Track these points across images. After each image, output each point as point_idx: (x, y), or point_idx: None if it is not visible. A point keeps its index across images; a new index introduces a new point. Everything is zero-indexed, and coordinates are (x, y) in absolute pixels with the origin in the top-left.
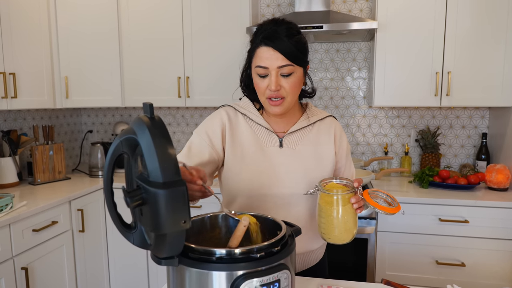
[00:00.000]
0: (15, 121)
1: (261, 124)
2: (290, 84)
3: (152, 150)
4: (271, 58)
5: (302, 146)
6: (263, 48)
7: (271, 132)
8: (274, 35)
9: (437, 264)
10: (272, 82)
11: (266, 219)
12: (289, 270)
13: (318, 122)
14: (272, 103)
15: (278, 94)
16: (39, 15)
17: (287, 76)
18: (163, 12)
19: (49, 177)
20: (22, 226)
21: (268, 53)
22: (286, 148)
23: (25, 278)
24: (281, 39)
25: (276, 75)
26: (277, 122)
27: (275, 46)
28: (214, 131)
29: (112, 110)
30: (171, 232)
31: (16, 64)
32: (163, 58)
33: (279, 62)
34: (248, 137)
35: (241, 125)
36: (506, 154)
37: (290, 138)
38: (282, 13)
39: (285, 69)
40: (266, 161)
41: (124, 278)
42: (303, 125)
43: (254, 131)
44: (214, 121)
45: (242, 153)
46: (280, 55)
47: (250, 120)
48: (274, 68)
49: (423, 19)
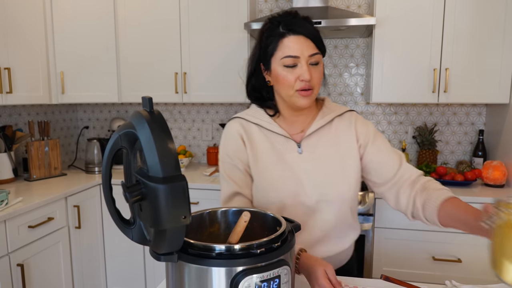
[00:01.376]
0: (10, 116)
1: (276, 131)
2: (318, 74)
3: (152, 145)
4: (302, 46)
5: (322, 148)
6: (291, 37)
7: (288, 139)
8: (300, 23)
9: (434, 260)
10: (305, 71)
11: (265, 215)
12: (289, 266)
13: (336, 119)
14: (304, 93)
15: (309, 84)
16: (34, 9)
17: (315, 65)
18: (160, 7)
19: (45, 173)
20: (18, 223)
21: (299, 41)
22: (306, 153)
23: (21, 275)
24: (307, 26)
25: (306, 63)
26: (292, 125)
27: (306, 33)
28: (236, 150)
29: (109, 106)
30: (171, 227)
31: (11, 59)
32: (160, 54)
33: (310, 50)
34: (265, 148)
35: (256, 135)
36: (503, 150)
37: (308, 141)
38: (280, 9)
39: (315, 57)
40: (287, 169)
41: (120, 274)
42: (319, 125)
43: (270, 140)
44: (231, 140)
45: (263, 165)
46: (311, 43)
47: (264, 129)
48: (305, 56)
49: (421, 16)
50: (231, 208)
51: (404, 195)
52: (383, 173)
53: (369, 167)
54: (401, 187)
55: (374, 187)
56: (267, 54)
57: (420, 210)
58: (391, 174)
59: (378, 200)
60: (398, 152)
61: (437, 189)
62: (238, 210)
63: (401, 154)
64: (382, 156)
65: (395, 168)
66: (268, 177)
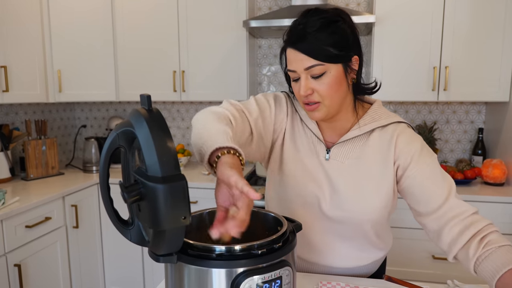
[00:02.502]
0: (7, 115)
1: (312, 129)
2: (323, 86)
3: (150, 143)
4: (296, 60)
5: (353, 160)
6: (288, 50)
7: (320, 141)
8: (299, 34)
9: (434, 259)
10: (302, 86)
11: (266, 215)
12: (291, 267)
13: (377, 130)
14: (308, 108)
15: (311, 99)
16: (31, 7)
17: (319, 77)
18: (159, 4)
19: (42, 173)
20: (15, 222)
21: (293, 55)
22: (333, 161)
23: (18, 275)
24: (307, 37)
25: (305, 78)
26: (329, 130)
27: (298, 47)
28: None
29: (106, 104)
30: (171, 228)
31: (7, 57)
32: (158, 52)
33: (305, 64)
34: (301, 141)
35: (296, 126)
36: (502, 149)
37: (339, 149)
38: (279, 7)
39: (314, 70)
40: (312, 171)
41: (119, 274)
42: (355, 134)
43: (307, 135)
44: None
45: (294, 156)
46: (305, 56)
47: (304, 123)
48: (301, 70)
49: (421, 14)
50: None
51: (450, 234)
52: (425, 202)
53: (408, 193)
54: (447, 224)
55: (415, 216)
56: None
57: (471, 261)
58: (435, 205)
59: None
60: (448, 179)
61: (500, 245)
62: None
63: (452, 183)
64: (424, 183)
65: (442, 199)
66: (293, 172)
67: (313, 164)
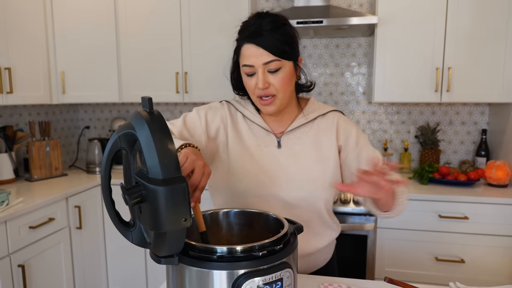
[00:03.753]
0: (11, 116)
1: (258, 123)
2: (279, 80)
3: (152, 146)
4: (255, 55)
5: (302, 145)
6: (246, 45)
7: (269, 132)
8: (257, 31)
9: (437, 261)
10: (260, 80)
11: (267, 216)
12: (291, 269)
13: (318, 118)
14: (263, 102)
15: (268, 92)
16: (35, 9)
17: (275, 72)
18: (161, 6)
19: (45, 174)
20: (19, 223)
21: (252, 50)
22: (285, 149)
23: (22, 276)
24: (264, 35)
25: (263, 72)
26: (275, 122)
27: (258, 42)
28: (214, 119)
29: (109, 105)
30: (172, 230)
31: (11, 59)
32: (161, 53)
33: (264, 59)
34: (247, 136)
35: (240, 123)
36: (506, 150)
37: (288, 137)
38: (282, 8)
39: (271, 65)
40: (265, 161)
41: (122, 275)
42: (301, 123)
43: (253, 130)
44: (217, 111)
45: (241, 151)
46: (265, 51)
47: (248, 120)
48: (259, 65)
49: (423, 14)
50: (232, 210)
51: None
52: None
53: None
54: None
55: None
56: (237, 57)
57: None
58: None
59: None
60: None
61: None
62: (240, 211)
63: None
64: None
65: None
66: (245, 163)
67: (264, 155)
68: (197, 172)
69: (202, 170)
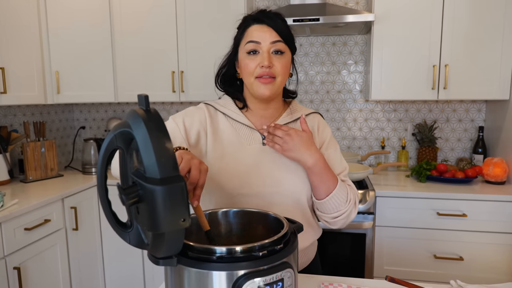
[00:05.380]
0: (5, 117)
1: (242, 122)
2: (281, 64)
3: (148, 145)
4: (263, 32)
5: None
6: (255, 26)
7: (253, 130)
8: (268, 15)
9: (435, 258)
10: (265, 58)
11: (267, 216)
12: (292, 269)
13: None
14: (263, 80)
15: (270, 72)
16: (29, 8)
17: (279, 55)
18: (157, 4)
19: (41, 175)
20: (14, 225)
21: (261, 29)
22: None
23: (18, 278)
24: (273, 18)
25: (268, 51)
26: (260, 119)
27: (268, 23)
28: (192, 124)
29: (105, 105)
30: (170, 231)
31: (5, 59)
32: (157, 52)
33: (273, 37)
34: (229, 135)
35: (221, 123)
36: (503, 147)
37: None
38: (278, 6)
39: (278, 45)
40: (248, 159)
41: (119, 277)
42: (286, 121)
43: (236, 129)
44: (194, 115)
45: (222, 151)
46: (274, 31)
47: (230, 119)
48: (267, 43)
49: (420, 12)
50: (231, 209)
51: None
52: None
53: None
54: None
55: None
56: (235, 44)
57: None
58: None
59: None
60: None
61: None
62: (239, 211)
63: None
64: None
65: None
66: (225, 164)
67: (247, 153)
68: (195, 170)
69: (199, 167)
